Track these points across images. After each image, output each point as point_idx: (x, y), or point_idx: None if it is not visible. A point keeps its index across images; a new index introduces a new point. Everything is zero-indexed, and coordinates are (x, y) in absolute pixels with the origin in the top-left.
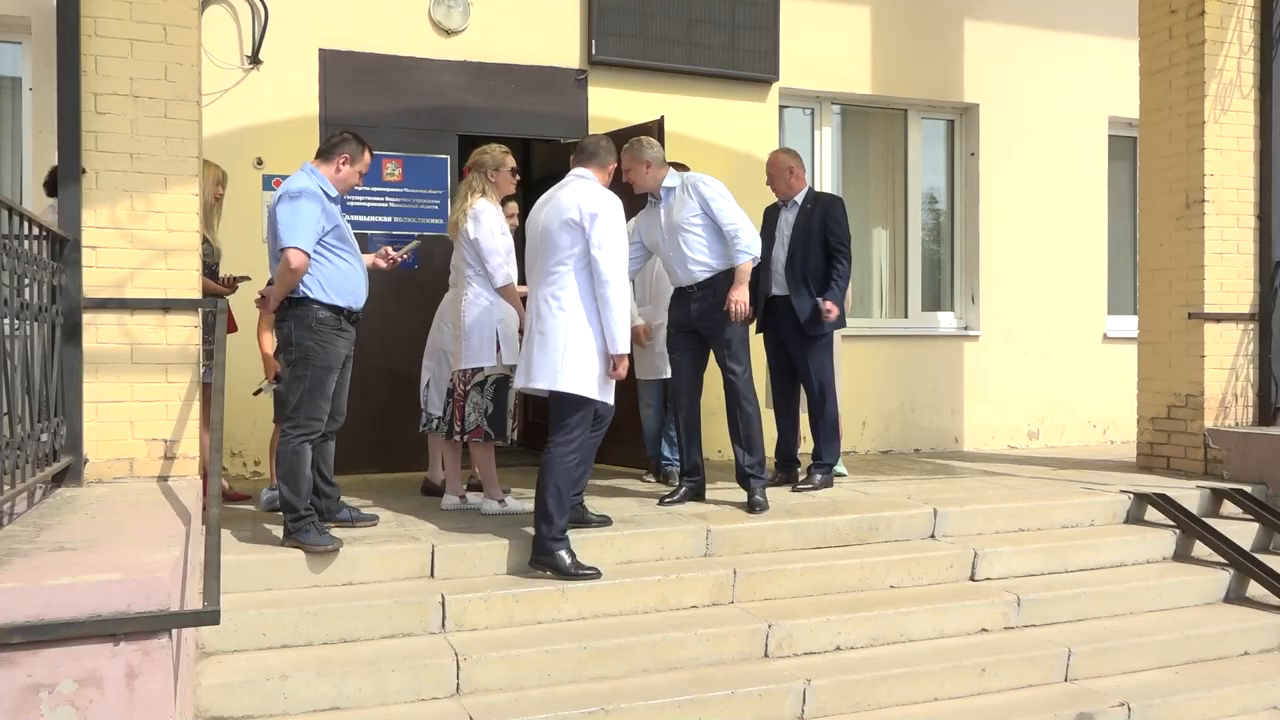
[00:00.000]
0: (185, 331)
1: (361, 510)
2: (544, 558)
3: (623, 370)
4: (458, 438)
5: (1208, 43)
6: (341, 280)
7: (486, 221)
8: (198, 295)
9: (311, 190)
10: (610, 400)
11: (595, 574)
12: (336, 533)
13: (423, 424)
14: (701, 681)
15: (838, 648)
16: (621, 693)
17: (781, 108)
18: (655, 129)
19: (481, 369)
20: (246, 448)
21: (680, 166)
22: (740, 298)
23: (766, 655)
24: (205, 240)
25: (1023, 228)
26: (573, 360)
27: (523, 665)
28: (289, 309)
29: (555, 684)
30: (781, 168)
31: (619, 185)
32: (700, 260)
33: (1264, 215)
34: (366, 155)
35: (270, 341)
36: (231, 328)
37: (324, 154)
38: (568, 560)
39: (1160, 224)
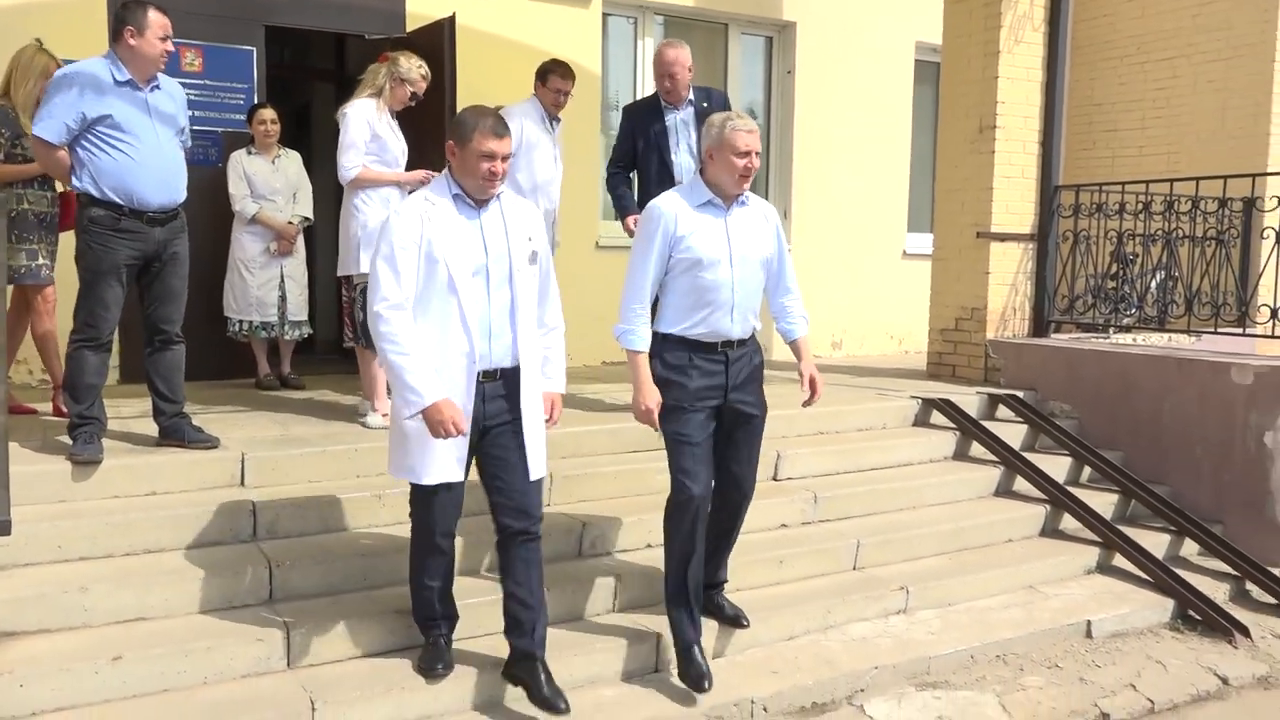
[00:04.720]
0: None
1: (204, 431)
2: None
3: (435, 426)
4: (349, 343)
5: None
6: (117, 173)
7: (353, 122)
8: None
9: (77, 74)
10: (443, 477)
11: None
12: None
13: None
14: None
15: (649, 545)
16: None
17: (605, 15)
18: (446, 25)
19: (351, 276)
20: (29, 355)
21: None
22: (818, 375)
23: (580, 555)
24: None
25: (833, 146)
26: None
27: (339, 570)
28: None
29: (372, 587)
30: (686, 65)
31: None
32: (757, 309)
33: (1046, 143)
34: (151, 15)
35: None
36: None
37: (113, 36)
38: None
39: (956, 147)
